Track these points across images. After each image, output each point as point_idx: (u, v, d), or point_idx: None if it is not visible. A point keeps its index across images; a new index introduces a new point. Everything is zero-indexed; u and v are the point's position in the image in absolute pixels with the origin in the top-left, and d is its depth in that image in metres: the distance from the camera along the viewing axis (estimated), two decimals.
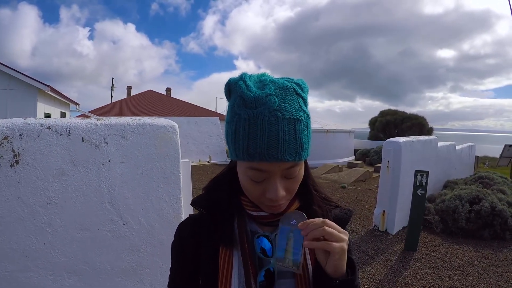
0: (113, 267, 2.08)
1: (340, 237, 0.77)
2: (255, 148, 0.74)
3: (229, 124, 0.78)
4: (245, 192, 0.85)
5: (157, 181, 2.14)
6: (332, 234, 0.76)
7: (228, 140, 0.80)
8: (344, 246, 0.77)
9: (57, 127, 1.94)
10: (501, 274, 4.50)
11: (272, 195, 0.79)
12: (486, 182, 7.28)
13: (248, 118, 0.74)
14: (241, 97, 0.75)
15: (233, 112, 0.77)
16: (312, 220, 0.78)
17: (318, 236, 0.76)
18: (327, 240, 0.76)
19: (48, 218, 1.95)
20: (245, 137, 0.74)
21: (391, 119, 22.68)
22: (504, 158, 15.36)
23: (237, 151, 0.76)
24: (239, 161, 0.81)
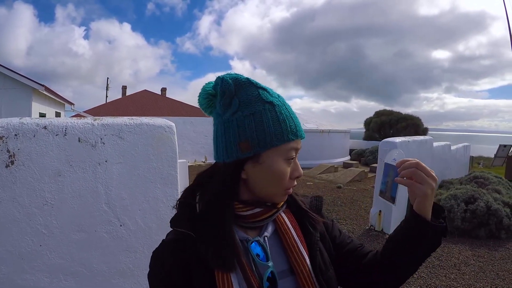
0: (110, 269, 2.06)
1: (426, 180, 0.84)
2: (295, 127, 0.84)
3: (256, 114, 0.81)
4: (274, 184, 0.85)
5: (154, 181, 2.13)
6: (419, 176, 0.84)
7: (259, 131, 0.81)
8: (427, 191, 0.84)
9: (53, 127, 1.92)
10: (497, 272, 4.52)
11: (299, 172, 0.87)
12: (481, 182, 7.31)
13: (282, 103, 0.85)
14: (263, 89, 0.85)
15: (260, 102, 0.83)
16: (407, 160, 0.88)
17: (409, 176, 0.86)
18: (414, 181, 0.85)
19: (44, 219, 1.93)
20: (287, 118, 0.83)
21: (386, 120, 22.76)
22: (499, 158, 15.46)
23: (278, 136, 0.81)
24: (274, 148, 0.82)
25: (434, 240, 0.89)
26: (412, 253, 0.91)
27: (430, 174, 0.85)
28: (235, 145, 0.81)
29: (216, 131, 0.86)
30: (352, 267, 0.98)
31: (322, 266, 0.90)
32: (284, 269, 0.87)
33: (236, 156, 0.82)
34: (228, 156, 0.83)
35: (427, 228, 0.86)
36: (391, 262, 0.94)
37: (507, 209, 5.96)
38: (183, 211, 0.88)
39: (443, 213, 0.91)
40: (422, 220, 0.86)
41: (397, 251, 0.93)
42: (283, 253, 0.88)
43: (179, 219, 0.86)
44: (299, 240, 0.90)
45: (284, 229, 0.90)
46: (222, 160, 0.84)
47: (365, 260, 0.98)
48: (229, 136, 0.82)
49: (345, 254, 1.00)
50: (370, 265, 0.97)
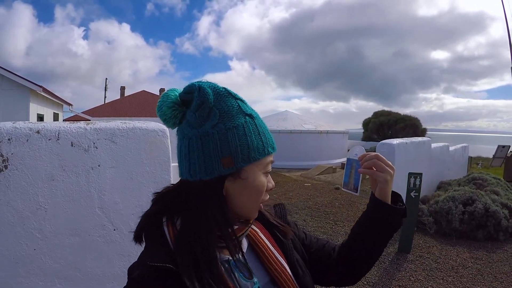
0: (104, 273, 2.07)
1: (385, 169, 0.95)
2: (271, 139, 0.84)
3: (239, 127, 0.78)
4: (255, 198, 0.83)
5: (147, 185, 2.12)
6: (379, 166, 0.96)
7: (243, 145, 0.77)
8: (387, 177, 0.95)
9: (46, 132, 1.92)
10: (495, 275, 4.51)
11: (272, 184, 0.87)
12: (480, 183, 7.31)
13: (258, 115, 0.84)
14: (241, 100, 0.82)
15: (241, 114, 0.79)
16: (368, 153, 1.00)
17: (370, 166, 0.97)
18: (375, 170, 0.96)
19: (38, 223, 1.93)
20: (265, 131, 0.83)
21: (385, 120, 22.75)
22: (497, 159, 15.46)
23: (260, 150, 0.79)
24: (255, 162, 0.79)
25: (395, 222, 0.99)
26: (377, 236, 1.01)
27: (388, 164, 0.96)
28: (217, 161, 0.75)
29: (188, 145, 0.78)
30: (323, 263, 1.05)
31: (300, 272, 0.93)
32: (266, 281, 0.86)
33: (218, 172, 0.76)
34: (208, 173, 0.76)
35: (389, 211, 0.97)
36: (359, 249, 1.03)
37: (505, 211, 5.96)
38: (153, 242, 0.80)
39: (400, 197, 1.02)
40: (384, 204, 0.97)
41: (363, 237, 1.02)
42: (261, 265, 0.88)
43: (153, 252, 0.76)
44: (275, 250, 0.91)
45: (259, 242, 0.89)
46: (199, 178, 0.77)
47: (334, 255, 1.07)
48: (209, 151, 0.76)
49: (314, 254, 1.05)
50: (339, 258, 1.06)
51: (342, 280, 1.08)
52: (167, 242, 0.78)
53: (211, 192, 0.77)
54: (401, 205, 1.00)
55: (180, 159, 0.81)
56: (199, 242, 0.75)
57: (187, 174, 0.79)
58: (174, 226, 0.80)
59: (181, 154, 0.80)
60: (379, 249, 1.03)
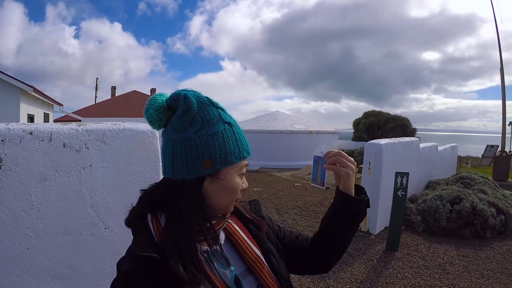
0: (96, 271, 2.11)
1: (347, 164, 1.06)
2: (247, 145, 0.93)
3: (219, 134, 0.86)
4: (230, 196, 0.92)
5: (137, 185, 2.17)
6: (341, 162, 1.06)
7: (221, 150, 0.86)
8: (349, 172, 1.05)
9: (38, 133, 1.96)
10: (481, 272, 4.59)
11: (246, 184, 0.96)
12: (467, 183, 7.42)
13: (236, 123, 0.92)
14: (222, 109, 0.90)
15: (221, 122, 0.88)
16: (331, 151, 1.10)
17: (333, 162, 1.08)
18: (339, 166, 1.06)
19: (31, 222, 1.97)
20: (242, 138, 0.92)
21: (375, 120, 22.85)
22: (486, 158, 15.65)
23: (236, 154, 0.88)
24: (232, 165, 0.88)
25: (360, 212, 1.10)
26: (344, 227, 1.11)
27: (350, 160, 1.07)
28: (197, 163, 0.84)
29: (172, 147, 0.86)
30: (296, 253, 1.15)
31: (274, 261, 1.02)
32: (243, 270, 0.95)
33: (198, 173, 0.85)
34: (189, 173, 0.85)
35: (353, 203, 1.07)
36: (328, 239, 1.13)
37: (492, 209, 6.05)
38: (140, 236, 0.86)
39: (363, 190, 1.13)
40: (348, 197, 1.07)
41: (331, 228, 1.12)
42: (237, 256, 0.97)
43: (140, 243, 0.83)
44: (250, 242, 1.00)
45: (235, 234, 0.99)
46: (181, 177, 0.85)
47: (306, 245, 1.17)
48: (191, 153, 0.84)
49: (288, 245, 1.15)
50: (311, 247, 1.16)
51: (315, 268, 1.18)
52: (152, 236, 0.86)
53: (191, 191, 0.87)
54: (364, 196, 1.11)
55: (164, 159, 0.90)
56: (181, 235, 0.83)
57: (170, 173, 0.87)
58: (158, 221, 0.89)
59: (165, 154, 0.89)
60: (346, 238, 1.14)
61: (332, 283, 4.20)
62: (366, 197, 1.12)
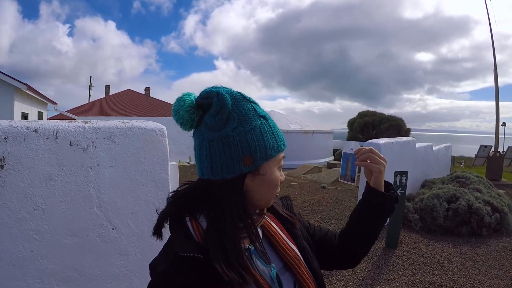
0: (103, 273, 2.05)
1: (379, 161, 1.07)
2: (283, 137, 0.91)
3: (256, 129, 0.84)
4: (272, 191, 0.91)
5: (146, 184, 2.12)
6: (373, 158, 1.08)
7: (260, 145, 0.84)
8: (381, 168, 1.07)
9: (43, 130, 1.89)
10: (479, 268, 4.67)
11: (283, 176, 0.94)
12: (463, 182, 7.47)
13: (270, 117, 0.90)
14: (255, 103, 0.89)
15: (256, 116, 0.86)
16: (363, 147, 1.11)
17: (366, 159, 1.09)
18: (370, 162, 1.08)
19: (35, 224, 1.90)
20: (278, 129, 0.90)
21: (370, 120, 23.01)
22: (480, 158, 15.83)
23: (275, 147, 0.87)
24: (270, 160, 0.86)
25: (388, 206, 1.11)
26: (373, 221, 1.12)
27: (381, 157, 1.08)
28: (238, 161, 0.82)
29: (209, 147, 0.83)
30: (326, 249, 1.16)
31: (309, 258, 1.02)
32: (280, 266, 0.94)
33: (239, 171, 0.82)
34: (229, 172, 0.82)
35: (383, 198, 1.08)
36: (357, 233, 1.15)
37: (488, 208, 6.13)
38: (179, 235, 0.84)
39: (391, 185, 1.14)
40: (379, 192, 1.08)
41: (361, 223, 1.14)
42: (274, 253, 0.95)
43: (181, 243, 0.81)
44: (287, 238, 0.99)
45: (272, 231, 0.98)
46: (221, 177, 0.82)
47: (335, 241, 1.18)
48: (231, 152, 0.81)
49: (318, 241, 1.16)
50: (340, 243, 1.17)
51: (344, 262, 1.19)
52: (192, 236, 0.84)
53: (233, 190, 0.84)
54: (393, 192, 1.13)
55: (200, 160, 0.86)
56: (226, 235, 0.81)
57: (209, 174, 0.84)
58: (197, 221, 0.86)
59: (201, 155, 0.86)
60: (375, 232, 1.15)
61: (335, 281, 4.22)
62: (395, 193, 1.13)
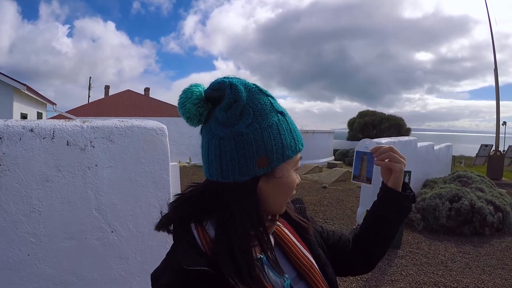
0: (102, 277, 1.99)
1: (400, 160, 1.02)
2: (301, 136, 0.83)
3: (273, 126, 0.76)
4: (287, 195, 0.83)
5: (146, 185, 2.06)
6: (394, 157, 1.02)
7: (277, 144, 0.75)
8: (402, 167, 1.02)
9: (40, 130, 1.83)
10: (483, 268, 4.64)
11: (299, 179, 0.86)
12: (465, 181, 7.46)
13: (288, 114, 0.82)
14: (272, 97, 0.80)
15: (274, 112, 0.77)
16: (381, 146, 1.06)
17: (385, 158, 1.03)
18: (391, 162, 1.03)
19: (31, 227, 1.84)
20: (295, 128, 0.82)
21: (370, 120, 23.02)
22: (480, 157, 15.84)
23: (292, 147, 0.78)
24: (287, 161, 0.78)
25: (406, 207, 1.08)
26: (390, 222, 1.07)
27: (401, 155, 1.04)
28: (252, 162, 0.73)
29: (219, 145, 0.74)
30: (341, 254, 1.09)
31: (324, 265, 0.95)
32: (293, 276, 0.86)
33: (253, 173, 0.74)
34: (242, 174, 0.73)
35: (401, 198, 1.05)
36: (373, 236, 1.09)
37: (490, 207, 6.11)
38: (184, 244, 0.76)
39: (408, 185, 1.10)
40: (397, 192, 1.04)
41: (377, 224, 1.08)
42: (287, 261, 0.87)
43: (187, 254, 0.72)
44: (301, 246, 0.91)
45: (285, 238, 0.89)
46: (232, 180, 0.74)
47: (350, 245, 1.12)
48: (244, 151, 0.73)
49: (332, 246, 1.08)
50: (354, 247, 1.11)
51: (359, 268, 1.14)
52: (198, 245, 0.75)
53: (245, 194, 0.76)
54: (410, 192, 1.08)
55: (208, 160, 0.77)
56: (236, 244, 0.72)
57: (219, 175, 0.75)
58: (203, 229, 0.77)
59: (209, 154, 0.76)
60: (391, 234, 1.10)
61: (339, 282, 4.15)
62: (412, 193, 1.09)
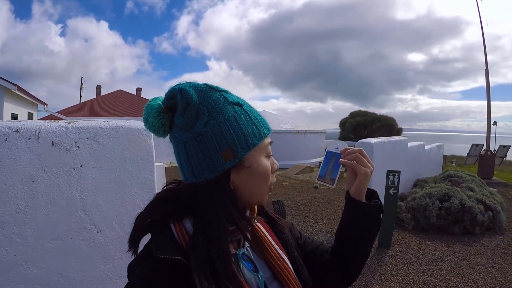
0: (88, 278, 2.00)
1: (367, 164, 0.95)
2: (265, 121, 0.84)
3: (231, 118, 0.78)
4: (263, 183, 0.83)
5: (131, 186, 2.07)
6: (361, 160, 0.95)
7: (238, 135, 0.77)
8: (368, 172, 0.94)
9: (25, 130, 1.84)
10: (473, 267, 4.66)
11: (276, 164, 0.87)
12: (455, 180, 7.49)
13: (245, 101, 0.83)
14: (225, 91, 0.81)
15: (229, 105, 0.79)
16: (350, 148, 0.99)
17: (353, 159, 0.96)
18: (357, 163, 0.95)
19: (18, 228, 1.84)
20: (257, 114, 0.83)
21: (361, 120, 23.11)
22: (471, 157, 15.93)
23: (256, 134, 0.80)
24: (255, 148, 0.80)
25: (373, 219, 0.99)
26: (358, 235, 0.99)
27: (369, 161, 0.97)
28: (217, 157, 0.75)
29: (185, 149, 0.77)
30: (316, 264, 1.03)
31: (299, 267, 0.94)
32: (268, 275, 0.86)
33: (222, 168, 0.76)
34: (211, 172, 0.76)
35: (365, 210, 0.97)
36: (344, 250, 1.02)
37: (480, 206, 6.14)
38: (161, 236, 0.78)
39: (376, 193, 1.03)
40: (360, 203, 0.97)
41: (346, 238, 1.01)
42: (262, 260, 0.88)
43: (162, 244, 0.74)
44: (277, 246, 0.91)
45: (261, 237, 0.90)
46: (204, 178, 0.76)
47: (327, 256, 1.05)
48: (207, 149, 0.75)
49: (308, 253, 1.04)
50: (331, 260, 1.04)
51: (335, 282, 1.06)
52: (175, 237, 0.77)
53: (219, 189, 0.77)
54: (376, 201, 1.00)
55: (180, 165, 0.81)
56: (213, 241, 0.74)
57: (192, 177, 0.78)
58: (181, 224, 0.79)
59: (180, 159, 0.80)
60: (362, 249, 1.02)
61: None
62: (378, 201, 1.00)
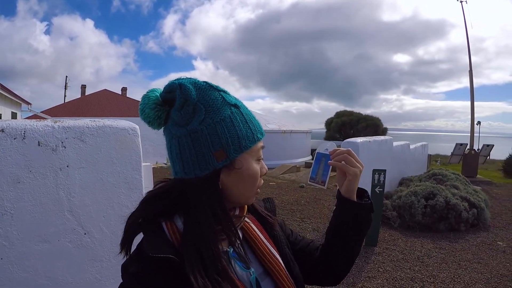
0: (76, 280, 1.97)
1: (356, 164, 0.96)
2: (259, 125, 0.85)
3: (227, 119, 0.78)
4: (251, 185, 0.84)
5: (118, 186, 2.05)
6: (350, 161, 0.96)
7: (232, 136, 0.77)
8: (357, 172, 0.96)
9: (11, 130, 1.80)
10: (458, 263, 4.76)
11: (265, 168, 0.88)
12: (440, 179, 7.62)
13: (243, 104, 0.84)
14: (224, 91, 0.81)
15: (226, 106, 0.79)
16: (339, 149, 1.01)
17: (341, 160, 0.97)
18: (346, 164, 0.96)
19: (4, 230, 1.80)
20: (253, 118, 0.83)
21: (347, 120, 23.32)
22: (455, 156, 16.21)
23: (250, 138, 0.80)
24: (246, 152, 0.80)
25: (364, 218, 1.00)
26: (348, 235, 1.00)
27: (358, 160, 0.98)
28: (209, 156, 0.76)
29: (178, 144, 0.78)
30: (306, 261, 1.05)
31: (290, 263, 0.95)
32: (260, 272, 0.88)
33: (212, 167, 0.77)
34: (202, 169, 0.77)
35: (356, 208, 0.98)
36: (334, 249, 1.03)
37: (465, 203, 6.26)
38: (153, 235, 0.78)
39: (366, 193, 1.04)
40: (351, 202, 0.98)
41: (336, 237, 1.02)
42: (254, 257, 0.89)
43: (154, 243, 0.74)
44: (268, 242, 0.93)
45: (252, 234, 0.91)
46: (194, 175, 0.77)
47: (317, 254, 1.07)
48: (200, 147, 0.76)
49: (299, 251, 1.06)
50: (320, 257, 1.06)
51: (323, 279, 1.09)
52: (166, 236, 0.78)
53: (208, 187, 0.78)
54: (367, 200, 1.02)
55: (172, 159, 0.81)
56: (202, 237, 0.75)
57: (182, 172, 0.79)
58: (172, 222, 0.80)
59: (172, 154, 0.80)
60: (352, 248, 1.04)
61: None
62: (368, 201, 1.02)
